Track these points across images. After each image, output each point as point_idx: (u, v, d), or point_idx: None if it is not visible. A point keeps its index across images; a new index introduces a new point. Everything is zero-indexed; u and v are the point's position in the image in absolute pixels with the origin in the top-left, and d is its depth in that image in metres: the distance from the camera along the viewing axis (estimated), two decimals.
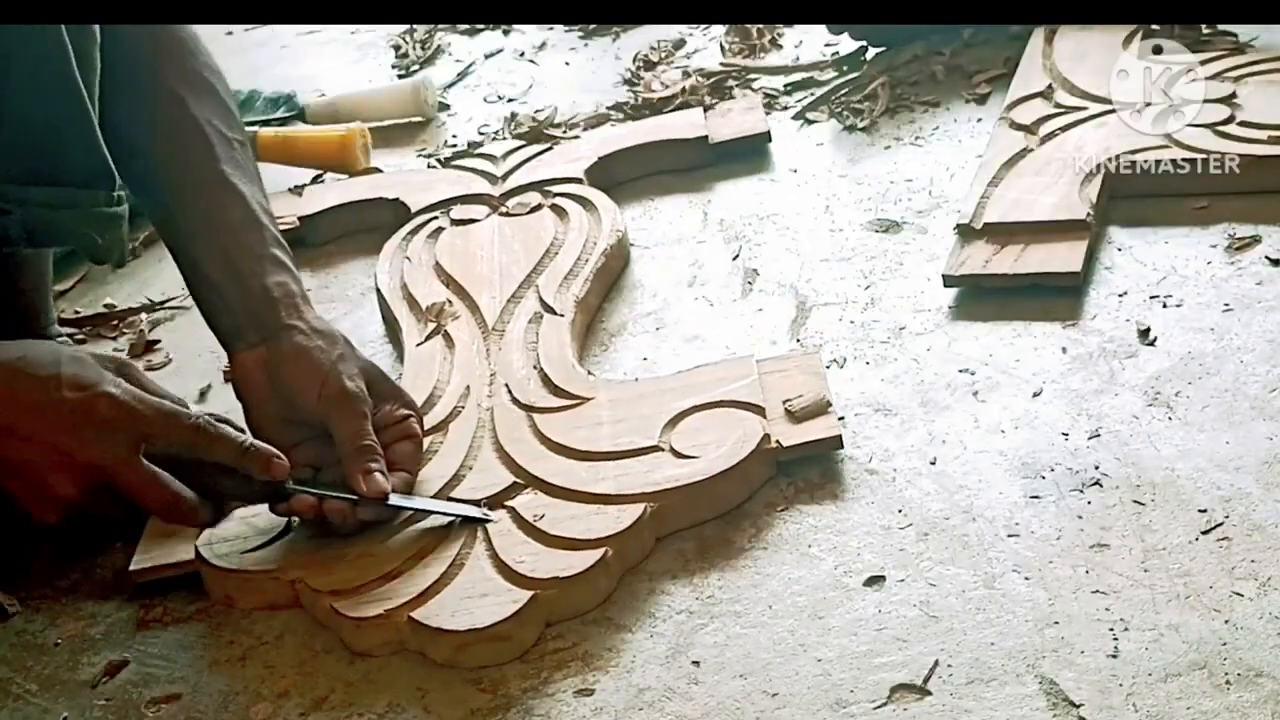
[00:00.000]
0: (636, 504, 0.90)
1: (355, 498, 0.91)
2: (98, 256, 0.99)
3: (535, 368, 1.06)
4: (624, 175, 1.38)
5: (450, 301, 1.17)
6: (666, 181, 1.37)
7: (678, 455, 0.94)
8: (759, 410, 0.96)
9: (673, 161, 1.38)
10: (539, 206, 1.29)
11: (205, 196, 0.99)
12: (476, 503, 0.93)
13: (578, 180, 1.33)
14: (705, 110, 1.44)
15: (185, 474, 0.88)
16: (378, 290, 1.24)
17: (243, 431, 0.92)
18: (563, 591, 0.86)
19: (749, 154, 1.37)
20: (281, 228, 1.34)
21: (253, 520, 0.96)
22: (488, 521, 0.91)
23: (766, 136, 1.37)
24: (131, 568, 0.96)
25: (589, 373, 1.07)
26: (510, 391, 1.04)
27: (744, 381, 0.99)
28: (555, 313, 1.13)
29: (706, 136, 1.37)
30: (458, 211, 1.31)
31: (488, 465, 0.97)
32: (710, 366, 1.03)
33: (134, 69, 1.00)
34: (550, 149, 1.40)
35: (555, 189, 1.31)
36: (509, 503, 0.93)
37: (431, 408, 1.04)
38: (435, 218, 1.31)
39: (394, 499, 0.92)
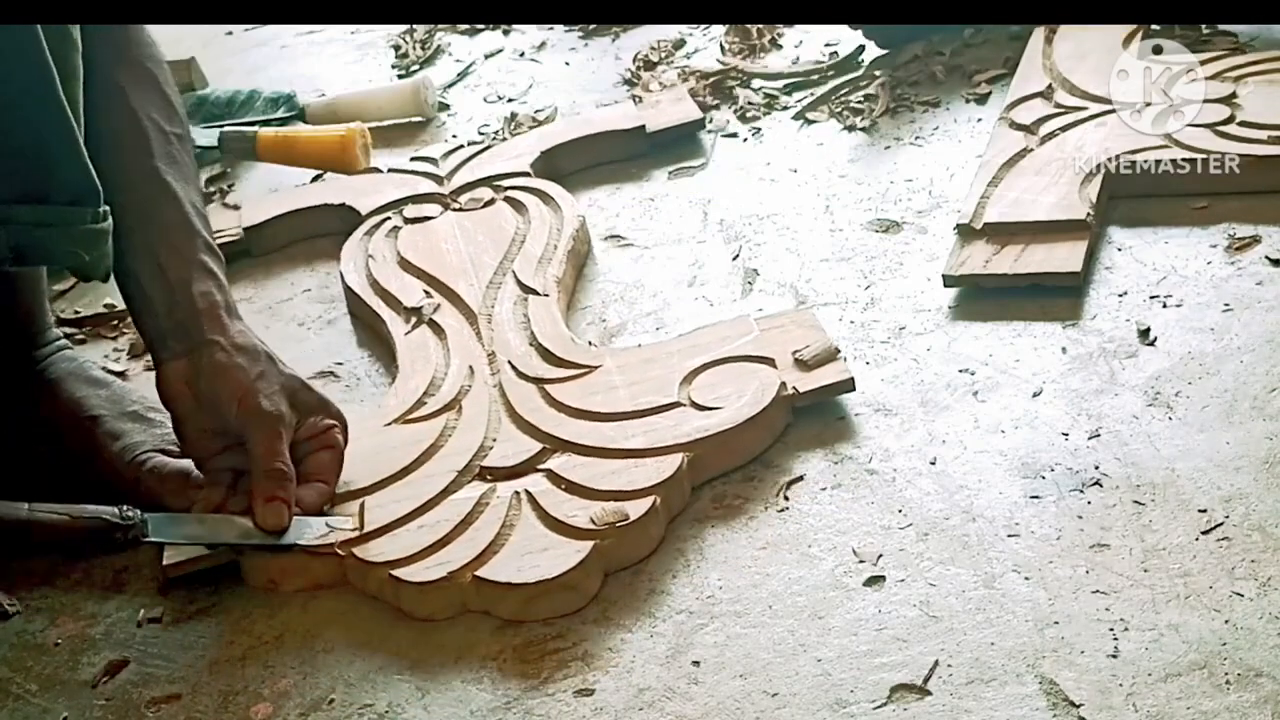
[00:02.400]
0: (674, 454, 0.94)
1: (219, 544, 0.95)
2: (84, 273, 0.97)
3: (532, 344, 1.09)
4: (568, 168, 1.41)
5: (428, 292, 1.19)
6: (660, 178, 1.37)
7: (701, 408, 0.98)
8: (770, 362, 1.01)
9: (613, 152, 1.42)
10: (492, 201, 1.32)
11: (138, 194, 0.98)
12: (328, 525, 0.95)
13: (526, 174, 1.36)
14: (636, 103, 1.49)
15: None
16: (347, 288, 1.25)
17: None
18: (619, 540, 0.89)
19: (684, 141, 1.41)
20: (226, 239, 1.35)
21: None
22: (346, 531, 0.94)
23: (700, 124, 1.42)
24: (165, 562, 0.96)
25: (590, 343, 1.10)
26: (514, 367, 1.07)
27: (748, 338, 1.04)
28: (539, 293, 1.16)
29: (644, 126, 1.41)
30: (410, 211, 1.33)
31: (511, 435, 1.00)
32: (711, 327, 1.08)
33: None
34: (488, 148, 1.43)
35: (505, 183, 1.34)
36: (543, 466, 0.96)
37: (438, 389, 1.07)
38: (388, 218, 1.33)
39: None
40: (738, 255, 1.22)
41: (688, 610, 0.86)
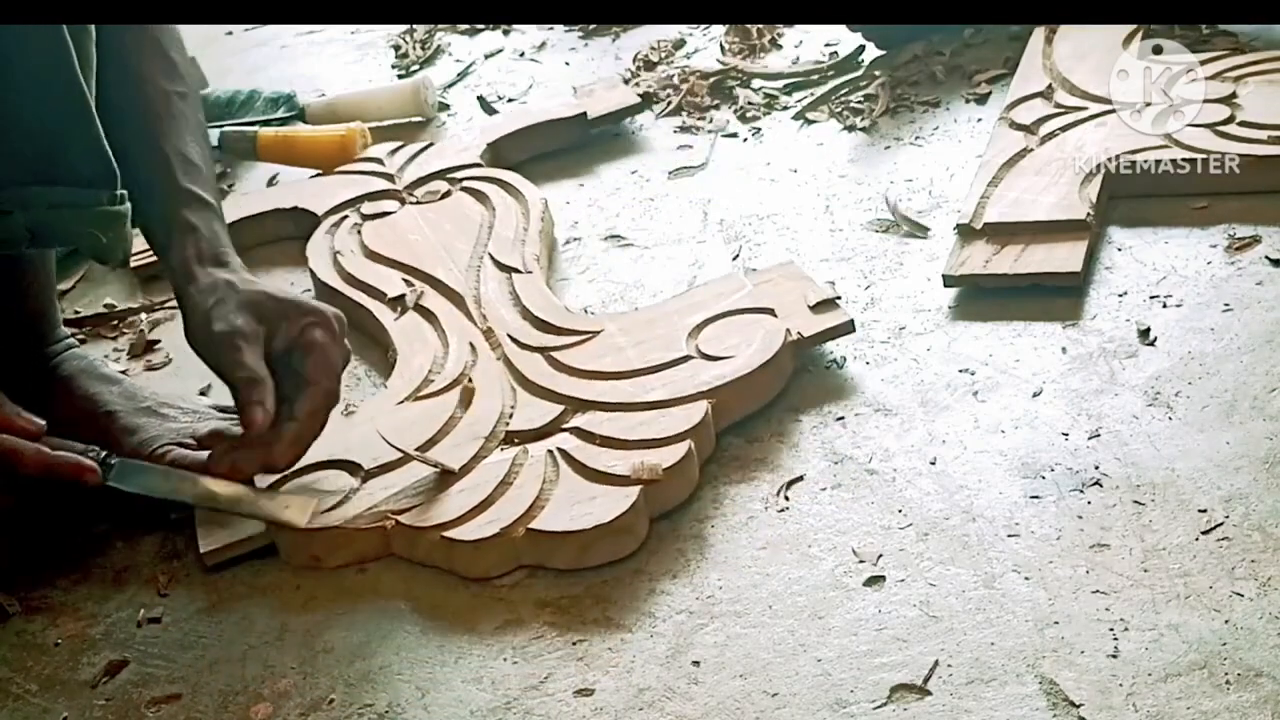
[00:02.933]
0: (698, 402, 0.97)
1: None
2: (102, 256, 0.99)
3: (525, 318, 1.12)
4: (515, 157, 1.44)
5: (408, 281, 1.21)
6: (652, 178, 1.37)
7: (713, 359, 1.01)
8: (770, 312, 1.05)
9: (556, 140, 1.45)
10: (449, 193, 1.34)
11: (134, 158, 0.99)
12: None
13: (478, 164, 1.38)
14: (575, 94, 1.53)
15: None
16: (321, 284, 1.26)
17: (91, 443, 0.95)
18: (662, 484, 0.92)
19: (624, 125, 1.46)
20: None
21: (318, 486, 0.99)
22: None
23: (639, 108, 1.47)
24: (203, 550, 0.96)
25: (585, 310, 1.14)
26: (515, 340, 1.09)
27: (743, 292, 1.08)
28: (522, 271, 1.18)
29: (585, 113, 1.45)
30: (368, 207, 1.35)
31: (529, 401, 1.02)
32: (704, 286, 1.12)
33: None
34: (431, 144, 1.46)
35: (460, 175, 1.37)
36: (569, 424, 0.98)
37: (442, 368, 1.08)
38: (346, 216, 1.34)
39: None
40: (738, 255, 1.22)
41: (688, 610, 0.86)
